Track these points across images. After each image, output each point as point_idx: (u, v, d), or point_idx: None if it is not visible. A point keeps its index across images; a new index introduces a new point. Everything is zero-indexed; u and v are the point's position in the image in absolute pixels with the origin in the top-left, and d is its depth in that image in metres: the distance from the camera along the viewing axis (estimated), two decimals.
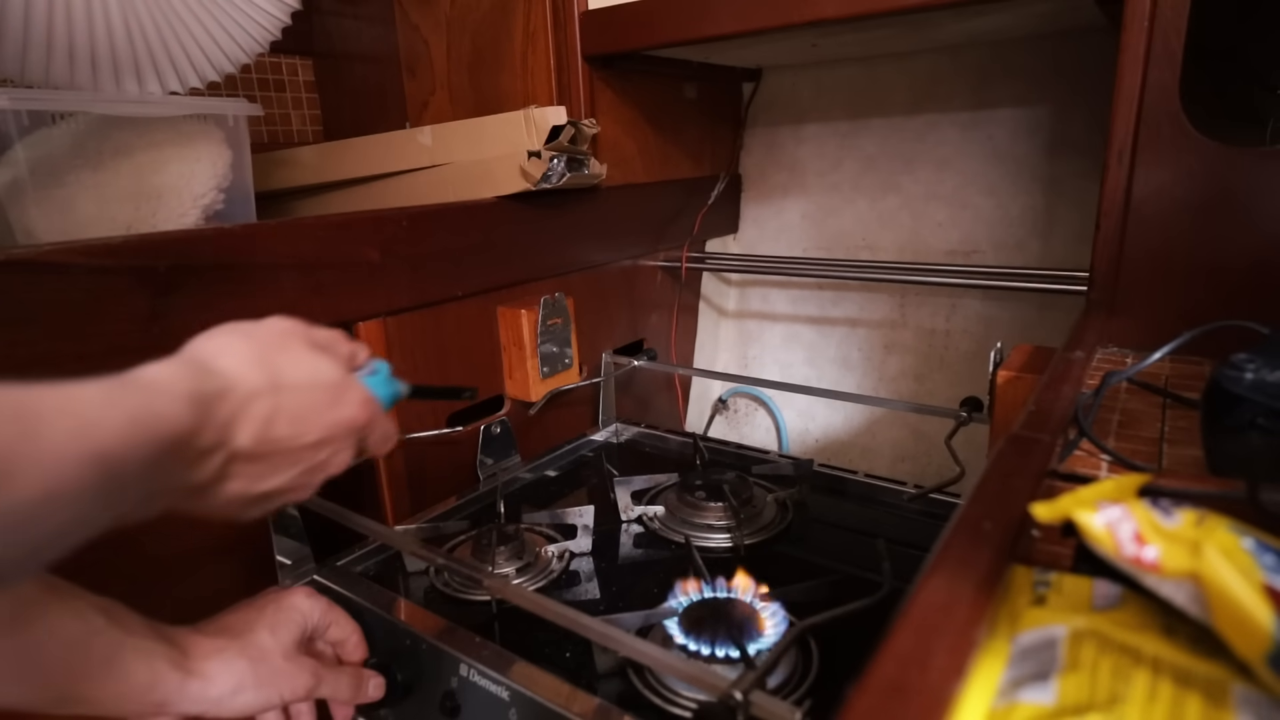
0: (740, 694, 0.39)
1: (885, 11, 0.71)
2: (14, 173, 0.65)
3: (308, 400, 0.38)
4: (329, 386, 0.40)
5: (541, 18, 0.93)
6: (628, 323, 1.11)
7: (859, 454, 1.27)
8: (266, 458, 0.36)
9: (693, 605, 0.56)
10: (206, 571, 0.68)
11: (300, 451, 0.38)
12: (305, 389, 0.38)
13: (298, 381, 0.38)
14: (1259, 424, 0.36)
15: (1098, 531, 0.27)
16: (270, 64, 1.25)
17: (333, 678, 0.53)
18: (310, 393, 0.38)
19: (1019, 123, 1.04)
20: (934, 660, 0.23)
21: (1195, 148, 0.59)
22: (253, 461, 0.36)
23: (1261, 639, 0.22)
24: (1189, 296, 0.61)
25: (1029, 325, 1.08)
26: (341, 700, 0.56)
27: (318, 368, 0.40)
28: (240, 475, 0.36)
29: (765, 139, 1.27)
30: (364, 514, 0.63)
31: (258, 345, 0.37)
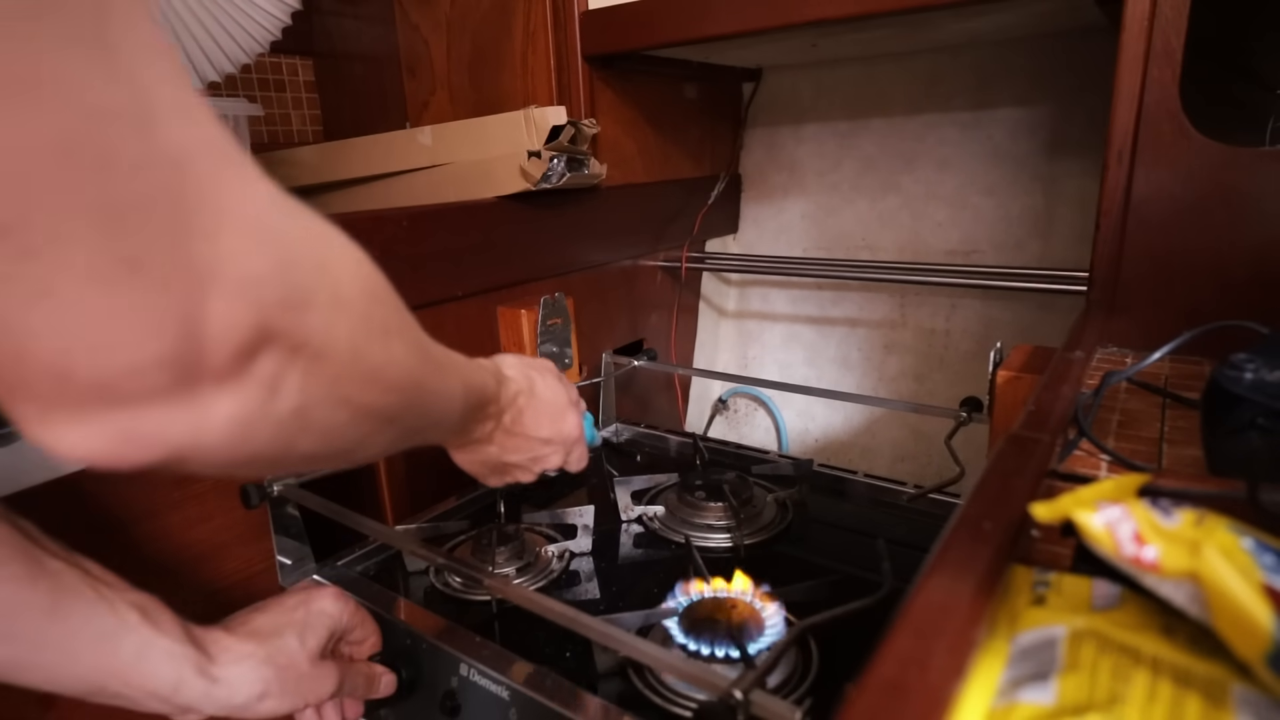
0: (740, 693, 0.39)
1: (885, 11, 0.71)
2: None
3: (546, 408, 0.54)
4: (562, 405, 0.55)
5: (541, 18, 0.93)
6: (628, 323, 1.11)
7: (859, 454, 1.27)
8: (513, 435, 0.52)
9: (693, 605, 0.56)
10: (207, 570, 0.68)
11: (532, 441, 0.54)
12: (548, 400, 0.54)
13: (544, 394, 0.54)
14: (1259, 424, 0.36)
15: (1097, 531, 0.27)
16: (270, 64, 1.25)
17: (350, 676, 0.54)
18: (550, 404, 0.54)
19: (1019, 123, 1.04)
20: (934, 660, 0.23)
21: (1195, 147, 0.59)
22: (506, 435, 0.52)
23: (1261, 639, 0.22)
24: (1189, 296, 0.61)
25: (1029, 325, 1.08)
26: (356, 696, 0.56)
27: (558, 391, 0.56)
28: (496, 442, 0.52)
29: (765, 139, 1.27)
30: (364, 514, 0.63)
31: (527, 365, 0.55)
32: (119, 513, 0.61)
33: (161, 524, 0.64)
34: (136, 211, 0.18)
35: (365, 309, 0.29)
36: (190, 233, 0.20)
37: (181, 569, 0.66)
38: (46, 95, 0.16)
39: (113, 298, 0.18)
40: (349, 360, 0.27)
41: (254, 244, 0.22)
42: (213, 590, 0.68)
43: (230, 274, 0.21)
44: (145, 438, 0.22)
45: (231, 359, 0.22)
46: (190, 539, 0.67)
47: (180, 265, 0.20)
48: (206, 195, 0.20)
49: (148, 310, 0.19)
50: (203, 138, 0.21)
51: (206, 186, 0.20)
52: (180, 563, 0.66)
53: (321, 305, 0.25)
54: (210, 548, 0.68)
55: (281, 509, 0.65)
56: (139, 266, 0.19)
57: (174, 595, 0.55)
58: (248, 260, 0.21)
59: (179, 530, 0.66)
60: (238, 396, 0.23)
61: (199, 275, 0.20)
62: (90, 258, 0.18)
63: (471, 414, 0.47)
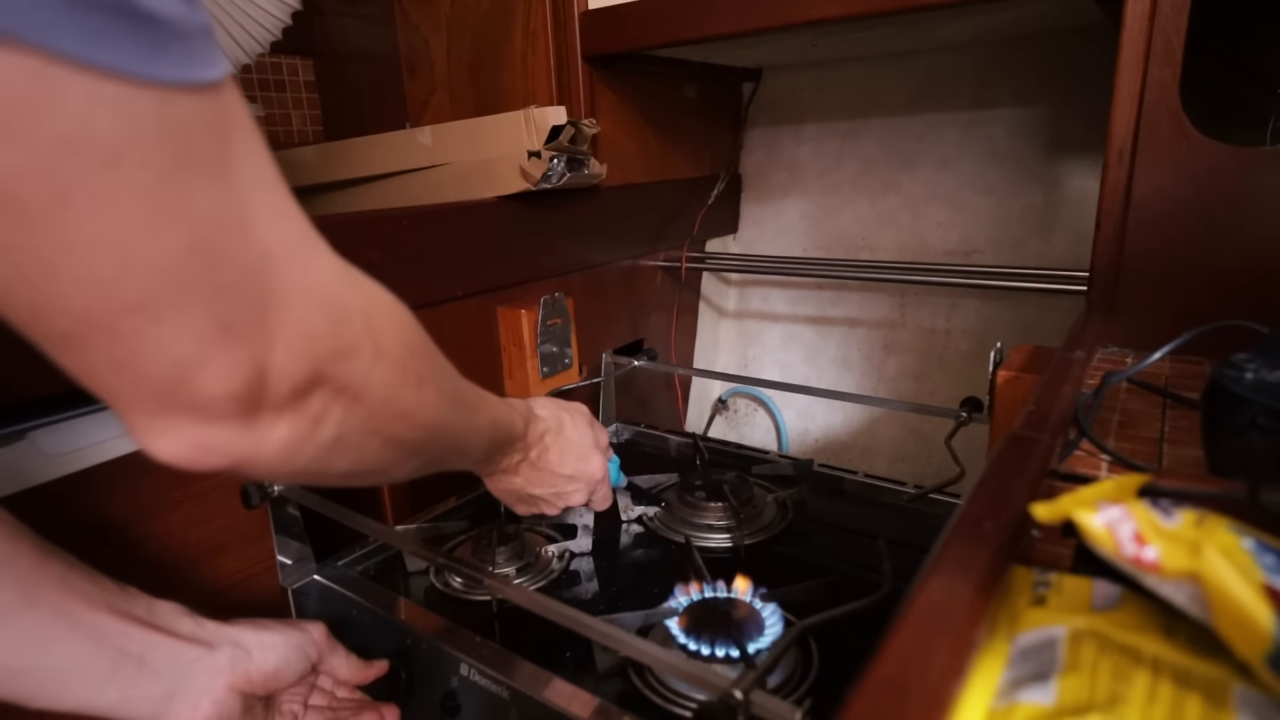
0: (740, 693, 0.39)
1: (885, 11, 0.71)
2: None
3: (572, 448, 0.59)
4: (588, 446, 0.61)
5: (541, 18, 0.93)
6: (628, 323, 1.11)
7: (859, 454, 1.27)
8: (538, 470, 0.57)
9: (693, 605, 0.56)
10: (207, 570, 0.68)
11: (556, 477, 0.59)
12: (574, 441, 0.59)
13: (571, 435, 0.59)
14: (1259, 424, 0.36)
15: (1098, 531, 0.27)
16: (270, 64, 1.25)
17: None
18: (576, 444, 0.59)
19: (1019, 122, 1.04)
20: (934, 660, 0.23)
21: (1196, 147, 0.59)
22: (532, 468, 0.57)
23: (1261, 639, 0.22)
24: (1189, 296, 0.61)
25: (1029, 325, 1.08)
26: None
27: (585, 434, 0.61)
28: (522, 474, 0.57)
29: (765, 139, 1.27)
30: (364, 514, 0.63)
31: (560, 407, 0.60)
32: (120, 513, 0.62)
33: (162, 524, 0.64)
34: (233, 291, 0.26)
35: (402, 359, 0.35)
36: (268, 305, 0.27)
37: (182, 569, 0.66)
38: (183, 218, 0.24)
39: (208, 349, 0.26)
40: (383, 401, 0.33)
41: (316, 311, 0.29)
42: (213, 590, 0.68)
43: (295, 334, 0.28)
44: (216, 449, 0.28)
45: (288, 396, 0.29)
46: (190, 539, 0.67)
47: (258, 328, 0.27)
48: (284, 278, 0.27)
49: (231, 359, 0.26)
50: (286, 232, 0.28)
51: (284, 271, 0.27)
52: (180, 563, 0.66)
53: (364, 356, 0.32)
54: (210, 548, 0.68)
55: (282, 509, 0.65)
56: (230, 329, 0.26)
57: (174, 595, 0.55)
58: (309, 324, 0.29)
59: (179, 530, 0.66)
60: (290, 425, 0.29)
61: (271, 335, 0.27)
62: (196, 323, 0.25)
63: (497, 448, 0.52)
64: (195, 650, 0.45)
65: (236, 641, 0.47)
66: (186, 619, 0.46)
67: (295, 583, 0.67)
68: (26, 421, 0.56)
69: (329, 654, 0.54)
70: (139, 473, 0.63)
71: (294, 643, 0.50)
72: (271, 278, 0.27)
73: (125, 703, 0.43)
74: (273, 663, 0.48)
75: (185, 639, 0.45)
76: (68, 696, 0.41)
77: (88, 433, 0.59)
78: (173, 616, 0.46)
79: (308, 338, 0.29)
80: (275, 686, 0.50)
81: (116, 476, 0.61)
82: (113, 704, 0.42)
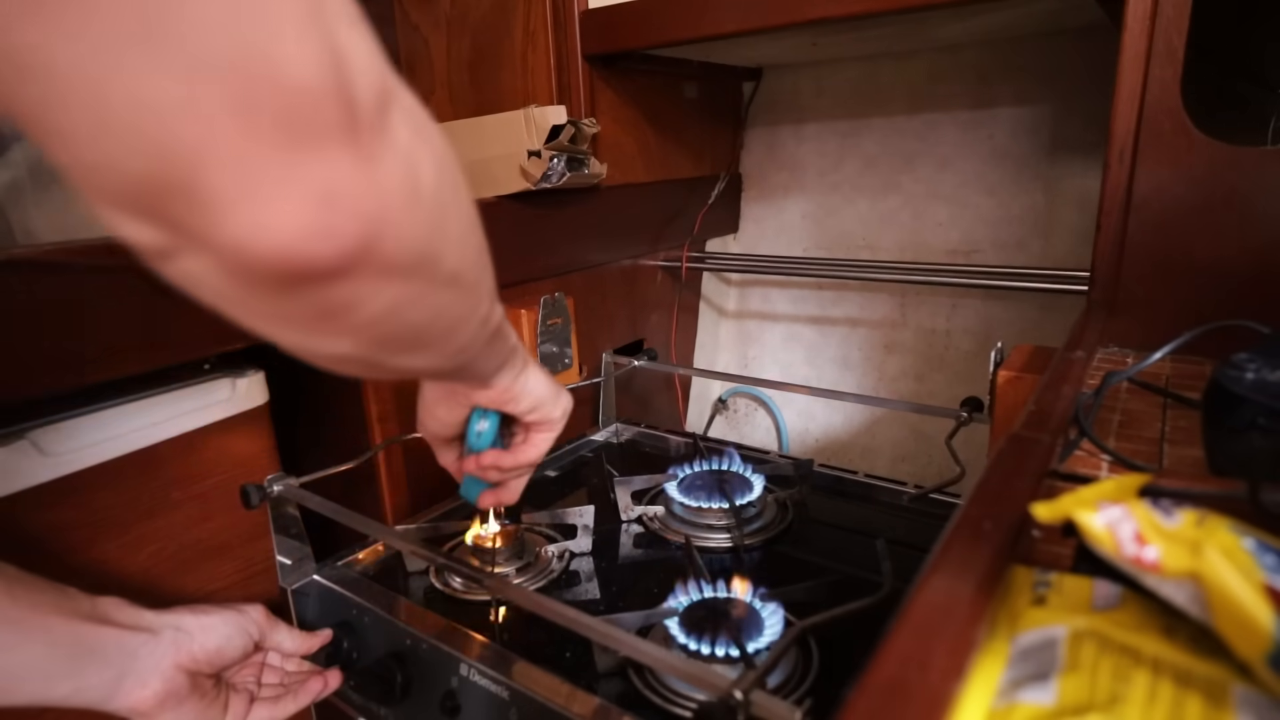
0: (740, 693, 0.39)
1: (885, 11, 0.71)
2: (14, 173, 0.65)
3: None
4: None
5: (541, 17, 0.93)
6: (628, 323, 1.11)
7: (859, 454, 1.27)
8: (535, 383, 0.50)
9: (693, 605, 0.56)
10: (207, 570, 0.68)
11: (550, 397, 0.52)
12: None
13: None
14: (1260, 424, 0.36)
15: (1098, 531, 0.27)
16: None
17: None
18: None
19: (1019, 122, 1.04)
20: (934, 660, 0.23)
21: (1197, 147, 0.59)
22: (532, 379, 0.50)
23: (1262, 639, 0.22)
24: (1190, 296, 0.61)
25: (1029, 325, 1.08)
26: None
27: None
28: (532, 377, 0.50)
29: (765, 139, 1.27)
30: (364, 514, 0.63)
31: None
32: (119, 513, 0.62)
33: (162, 524, 0.64)
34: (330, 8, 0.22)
35: (444, 148, 0.32)
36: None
37: (182, 569, 0.66)
38: None
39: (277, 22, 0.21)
40: (444, 155, 0.31)
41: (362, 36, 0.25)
42: (212, 590, 0.68)
43: (353, 31, 0.24)
44: (339, 198, 0.23)
45: (375, 103, 0.24)
46: (190, 539, 0.67)
47: (316, 9, 0.22)
48: None
49: (300, 32, 0.21)
50: None
51: None
52: (180, 563, 0.66)
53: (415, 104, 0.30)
54: (210, 548, 0.68)
55: (281, 509, 0.65)
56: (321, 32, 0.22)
57: (174, 595, 0.55)
58: (362, 36, 0.24)
59: (179, 530, 0.66)
60: (392, 155, 0.25)
61: (329, 22, 0.22)
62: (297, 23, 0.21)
63: (504, 340, 0.45)
64: (140, 636, 0.48)
65: (178, 625, 0.50)
66: (128, 609, 0.48)
67: (295, 583, 0.66)
68: (26, 421, 0.56)
69: (271, 631, 0.56)
70: (139, 473, 0.63)
71: (234, 622, 0.53)
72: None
73: (78, 692, 0.44)
74: (214, 642, 0.51)
75: (129, 628, 0.47)
76: (22, 694, 0.43)
77: (87, 433, 0.59)
78: (114, 609, 0.48)
79: (367, 48, 0.25)
80: (220, 664, 0.52)
81: (116, 476, 0.61)
82: (67, 695, 0.44)
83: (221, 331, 0.63)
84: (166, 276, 0.25)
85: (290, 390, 0.80)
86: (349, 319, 0.27)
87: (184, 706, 0.48)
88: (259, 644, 0.55)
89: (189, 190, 0.21)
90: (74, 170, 0.21)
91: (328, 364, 0.31)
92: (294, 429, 0.83)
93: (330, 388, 0.79)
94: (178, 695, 0.48)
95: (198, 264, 0.24)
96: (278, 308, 0.26)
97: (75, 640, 0.44)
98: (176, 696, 0.48)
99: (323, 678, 0.58)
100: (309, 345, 0.29)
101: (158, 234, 0.23)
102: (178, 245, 0.23)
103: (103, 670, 0.45)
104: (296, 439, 0.83)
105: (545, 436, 0.53)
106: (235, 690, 0.53)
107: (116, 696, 0.46)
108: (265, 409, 0.72)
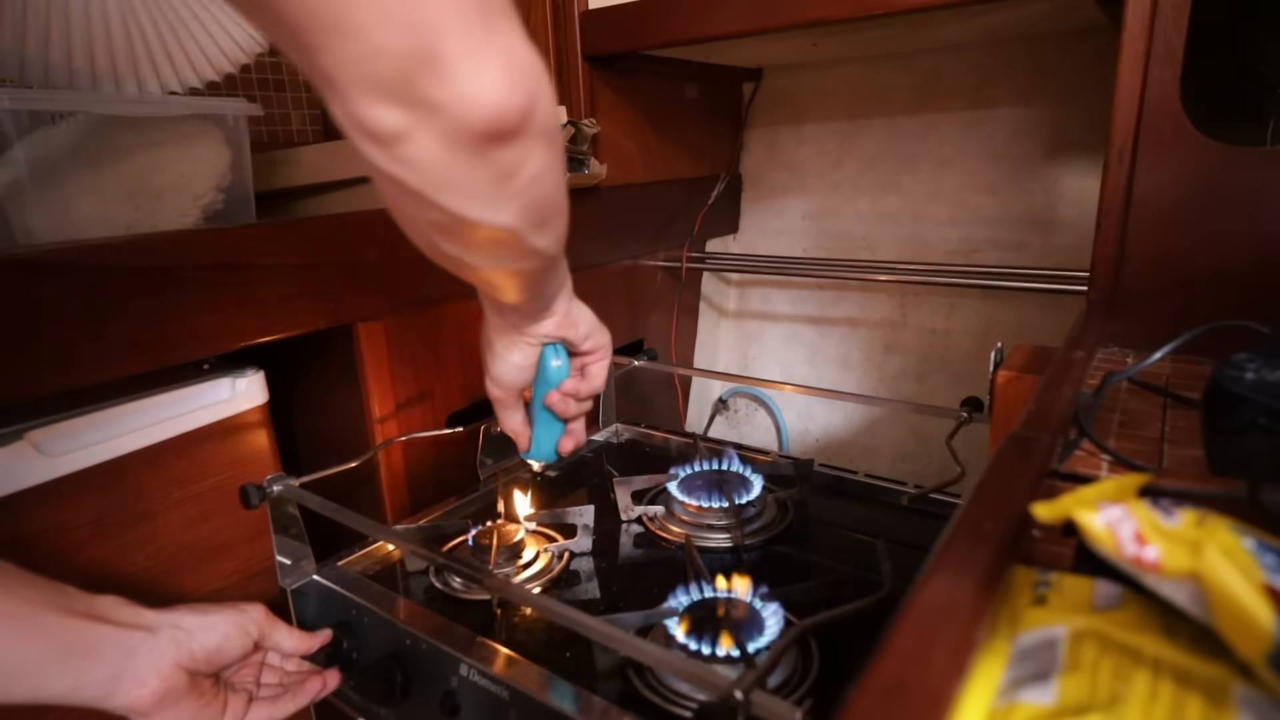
0: (741, 693, 0.39)
1: (885, 11, 0.71)
2: (14, 173, 0.65)
3: None
4: None
5: (541, 17, 0.93)
6: (628, 323, 1.11)
7: (859, 454, 1.27)
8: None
9: (693, 605, 0.56)
10: (207, 570, 0.68)
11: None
12: None
13: None
14: (1260, 424, 0.36)
15: (1098, 531, 0.27)
16: (270, 63, 1.25)
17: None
18: None
19: (1019, 122, 1.04)
20: (934, 660, 0.23)
21: (1196, 147, 0.59)
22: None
23: (1262, 639, 0.22)
24: (1189, 296, 0.61)
25: (1029, 325, 1.08)
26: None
27: None
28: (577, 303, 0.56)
29: (765, 139, 1.27)
30: (364, 514, 0.63)
31: None
32: (119, 513, 0.62)
33: (161, 524, 0.64)
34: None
35: None
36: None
37: (181, 569, 0.66)
38: None
39: None
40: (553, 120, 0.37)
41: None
42: (212, 590, 0.68)
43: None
44: (519, 66, 0.31)
45: None
46: (190, 539, 0.67)
47: None
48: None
49: None
50: None
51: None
52: (180, 563, 0.66)
53: None
54: (210, 548, 0.68)
55: (281, 509, 0.65)
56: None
57: (174, 595, 0.55)
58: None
59: (179, 530, 0.66)
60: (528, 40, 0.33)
61: None
62: None
63: (564, 255, 0.51)
64: (138, 635, 0.47)
65: (177, 624, 0.49)
66: (126, 608, 0.48)
67: (294, 583, 0.66)
68: (24, 422, 0.56)
69: (270, 631, 0.55)
70: (139, 473, 0.63)
71: (233, 621, 0.52)
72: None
73: (76, 690, 0.44)
74: (214, 641, 0.50)
75: (127, 626, 0.47)
76: (19, 690, 0.43)
77: (86, 433, 0.59)
78: (113, 607, 0.47)
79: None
80: (219, 663, 0.51)
81: (116, 476, 0.61)
82: (64, 692, 0.44)
83: (221, 331, 0.63)
84: (391, 167, 0.33)
85: (291, 390, 0.80)
86: (515, 181, 0.35)
87: (182, 705, 0.48)
88: (258, 644, 0.55)
89: (433, 58, 0.29)
90: (347, 68, 0.29)
91: (483, 251, 0.39)
92: (294, 429, 0.83)
93: (330, 387, 0.79)
94: (176, 694, 0.48)
95: (425, 138, 0.31)
96: (472, 173, 0.33)
97: (73, 637, 0.44)
98: (175, 695, 0.48)
99: (321, 677, 0.57)
100: (485, 217, 0.36)
101: (402, 115, 0.30)
102: (415, 123, 0.31)
103: (101, 668, 0.45)
104: (296, 439, 0.83)
105: (601, 365, 0.59)
106: (234, 690, 0.53)
107: (115, 695, 0.46)
108: (265, 409, 0.72)
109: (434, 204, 0.35)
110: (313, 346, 0.76)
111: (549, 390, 0.57)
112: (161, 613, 0.49)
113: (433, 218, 0.36)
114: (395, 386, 0.78)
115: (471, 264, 0.41)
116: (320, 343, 0.75)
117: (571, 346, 0.57)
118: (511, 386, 0.57)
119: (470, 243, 0.39)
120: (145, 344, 0.57)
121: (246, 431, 0.70)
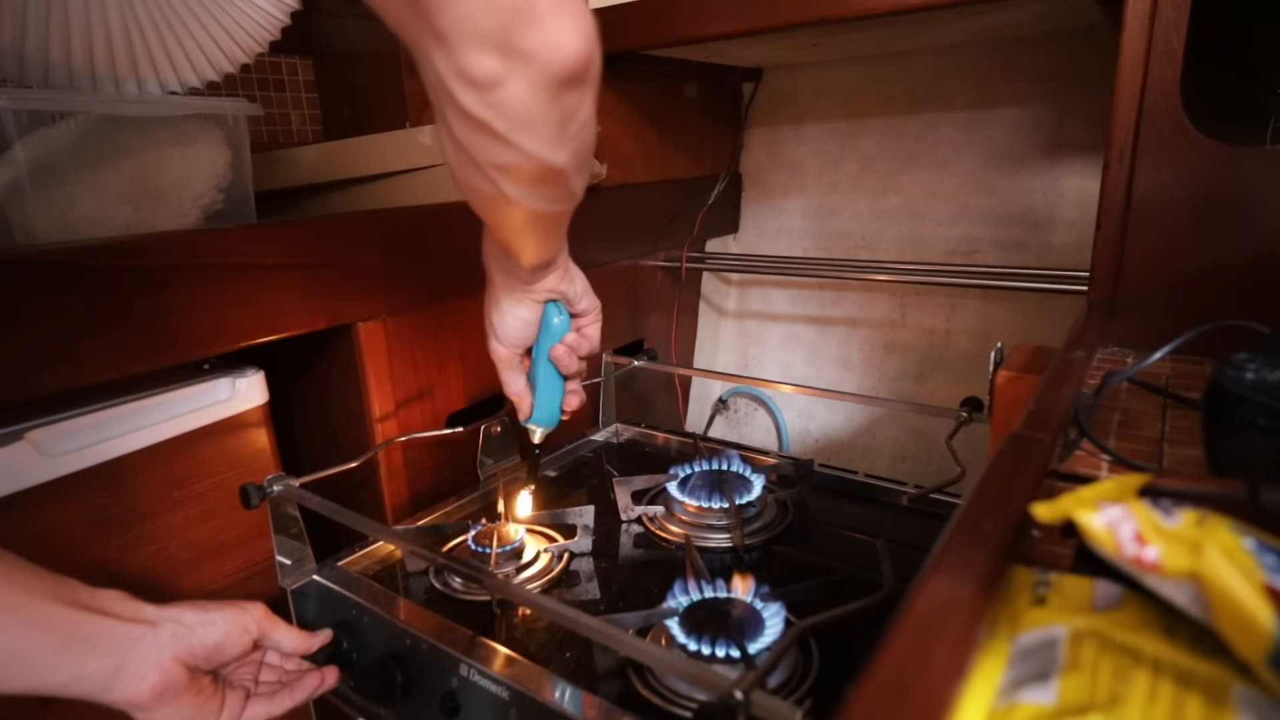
0: (741, 693, 0.39)
1: (885, 11, 0.71)
2: (13, 172, 0.65)
3: None
4: None
5: None
6: (628, 323, 1.11)
7: (859, 454, 1.27)
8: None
9: (693, 605, 0.56)
10: (207, 570, 0.68)
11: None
12: None
13: None
14: (1260, 424, 0.36)
15: (1098, 531, 0.27)
16: (270, 64, 1.25)
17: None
18: None
19: (1019, 122, 1.04)
20: (934, 660, 0.23)
21: (1196, 147, 0.59)
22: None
23: (1262, 639, 0.22)
24: (1190, 296, 0.61)
25: (1029, 325, 1.08)
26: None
27: None
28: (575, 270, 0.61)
29: (765, 139, 1.27)
30: (364, 514, 0.63)
31: None
32: (119, 513, 0.62)
33: (162, 524, 0.64)
34: None
35: None
36: None
37: (181, 569, 0.66)
38: None
39: None
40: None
41: None
42: (212, 590, 0.68)
43: None
44: (587, 19, 0.36)
45: None
46: (190, 539, 0.67)
47: None
48: None
49: None
50: None
51: None
52: (180, 563, 0.66)
53: None
54: (210, 548, 0.68)
55: (281, 509, 0.65)
56: None
57: (174, 595, 0.55)
58: None
59: (179, 530, 0.66)
60: None
61: None
62: None
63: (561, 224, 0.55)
64: (139, 629, 0.47)
65: (177, 619, 0.49)
66: (127, 602, 0.48)
67: (294, 583, 0.66)
68: (24, 422, 0.56)
69: (270, 629, 0.55)
70: (139, 473, 0.63)
71: (233, 619, 0.52)
72: None
73: (75, 681, 0.44)
74: (214, 637, 0.51)
75: (129, 619, 0.47)
76: (19, 680, 0.43)
77: (86, 433, 0.59)
78: (114, 601, 0.47)
79: None
80: (218, 660, 0.52)
81: (116, 476, 0.61)
82: (64, 683, 0.44)
83: (221, 331, 0.63)
84: (484, 112, 0.37)
85: (290, 390, 0.80)
86: (573, 124, 0.40)
87: (180, 700, 0.48)
88: (258, 642, 0.55)
89: (528, 11, 0.34)
90: (461, 23, 0.33)
91: (540, 188, 0.44)
92: (294, 429, 0.83)
93: (330, 387, 0.79)
94: (175, 689, 0.48)
95: (516, 82, 0.36)
96: (547, 114, 0.38)
97: (74, 628, 0.44)
98: (174, 690, 0.48)
99: (319, 674, 0.58)
100: (549, 156, 0.41)
101: (500, 62, 0.35)
102: (509, 68, 0.35)
103: (101, 660, 0.45)
104: (296, 439, 0.83)
105: (594, 327, 0.64)
106: (232, 687, 0.53)
107: (114, 688, 0.46)
108: (265, 408, 0.72)
109: (513, 144, 0.39)
110: (313, 346, 0.76)
111: (553, 344, 0.61)
112: (163, 608, 0.49)
113: (506, 160, 0.40)
114: (395, 386, 0.78)
115: (526, 206, 0.45)
116: (320, 343, 0.75)
117: (569, 304, 0.61)
118: (518, 342, 0.61)
119: (533, 181, 0.43)
120: (145, 344, 0.57)
121: (246, 431, 0.70)
